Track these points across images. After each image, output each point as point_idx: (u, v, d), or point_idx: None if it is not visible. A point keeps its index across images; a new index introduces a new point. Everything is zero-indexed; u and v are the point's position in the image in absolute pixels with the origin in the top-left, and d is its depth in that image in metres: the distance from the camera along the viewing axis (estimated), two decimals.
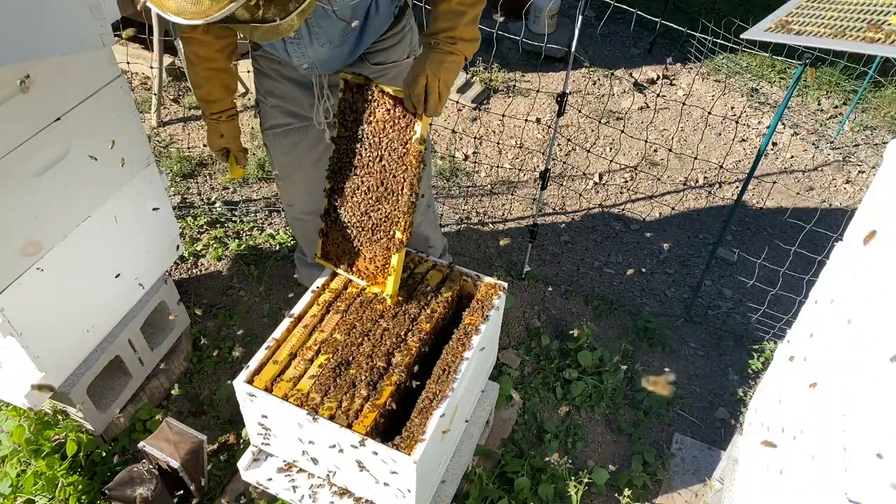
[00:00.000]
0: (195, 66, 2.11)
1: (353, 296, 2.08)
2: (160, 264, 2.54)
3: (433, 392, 1.87)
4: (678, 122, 4.57)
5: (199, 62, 2.09)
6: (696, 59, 5.08)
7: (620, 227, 3.83)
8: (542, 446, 2.73)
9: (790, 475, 1.72)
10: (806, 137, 4.58)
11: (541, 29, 4.79)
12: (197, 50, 2.07)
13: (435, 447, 1.86)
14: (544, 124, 4.43)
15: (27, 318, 2.01)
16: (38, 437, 2.30)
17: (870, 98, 4.92)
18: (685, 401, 2.98)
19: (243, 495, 2.39)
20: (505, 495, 2.47)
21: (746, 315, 3.39)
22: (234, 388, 1.88)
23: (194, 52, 2.08)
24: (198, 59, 2.09)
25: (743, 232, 3.87)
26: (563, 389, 2.92)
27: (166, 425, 2.27)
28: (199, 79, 2.14)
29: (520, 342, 3.12)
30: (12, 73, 1.76)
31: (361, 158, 1.99)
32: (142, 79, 4.42)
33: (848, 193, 4.20)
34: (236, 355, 2.86)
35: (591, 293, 3.40)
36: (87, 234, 2.15)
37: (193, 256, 3.28)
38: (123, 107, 2.16)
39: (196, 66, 2.11)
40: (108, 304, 2.36)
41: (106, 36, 1.80)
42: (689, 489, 2.63)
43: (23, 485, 2.23)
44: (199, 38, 2.03)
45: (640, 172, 4.15)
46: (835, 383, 1.61)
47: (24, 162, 1.86)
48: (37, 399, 2.15)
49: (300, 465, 2.03)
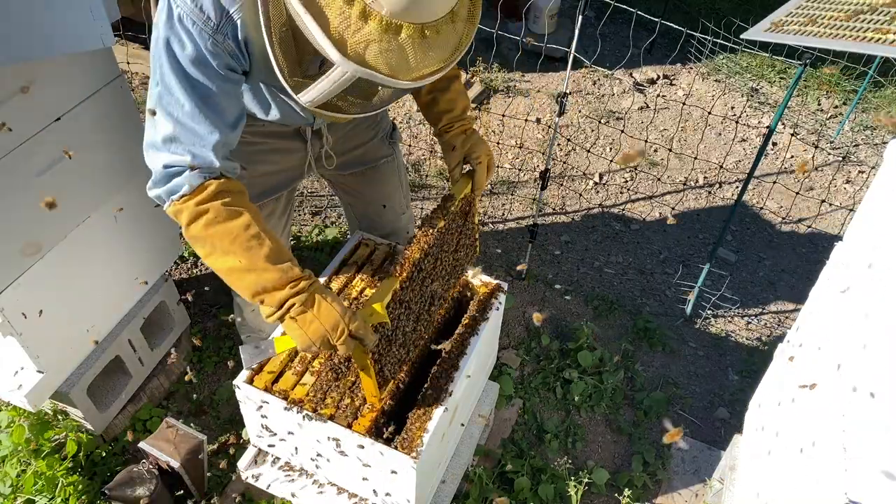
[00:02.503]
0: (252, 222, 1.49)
1: (354, 296, 2.08)
2: (160, 264, 2.54)
3: (433, 392, 1.87)
4: (678, 122, 4.57)
5: (251, 212, 1.52)
6: (696, 59, 5.07)
7: (620, 227, 3.83)
8: (542, 446, 2.73)
9: (790, 475, 1.72)
10: (806, 137, 4.58)
11: (541, 29, 4.79)
12: (241, 198, 1.53)
13: (435, 447, 1.86)
14: (544, 124, 4.43)
15: (27, 318, 2.01)
16: (38, 437, 2.30)
17: (870, 98, 4.92)
18: (685, 401, 2.98)
19: (243, 495, 2.39)
20: (505, 495, 2.47)
21: (746, 315, 3.39)
22: (234, 388, 1.88)
23: (240, 202, 1.51)
24: (246, 206, 1.53)
25: (743, 232, 3.87)
26: (563, 389, 2.92)
27: (166, 425, 2.27)
28: (262, 236, 1.49)
29: (520, 342, 3.12)
30: (14, 76, 1.76)
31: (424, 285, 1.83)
32: (142, 79, 4.42)
33: (848, 193, 4.20)
34: (236, 355, 2.86)
35: (591, 293, 3.40)
36: (87, 234, 2.15)
37: (193, 256, 3.28)
38: (123, 107, 2.16)
39: (252, 222, 1.49)
40: (108, 304, 2.36)
41: (106, 36, 1.80)
42: (689, 489, 2.63)
43: (23, 485, 2.23)
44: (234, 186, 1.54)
45: (640, 172, 4.15)
46: (835, 383, 1.61)
47: (24, 162, 1.86)
48: (37, 399, 2.15)
49: (300, 465, 2.03)
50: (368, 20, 1.15)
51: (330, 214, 3.65)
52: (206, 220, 1.47)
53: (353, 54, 1.18)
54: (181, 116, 1.43)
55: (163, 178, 1.48)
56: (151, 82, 1.46)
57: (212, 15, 1.38)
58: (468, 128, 1.91)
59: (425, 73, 1.25)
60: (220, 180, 1.49)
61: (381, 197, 2.30)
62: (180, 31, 1.38)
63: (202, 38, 1.39)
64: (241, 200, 1.53)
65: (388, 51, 1.18)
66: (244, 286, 1.50)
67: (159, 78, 1.43)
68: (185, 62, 1.41)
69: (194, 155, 1.46)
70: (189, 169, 1.46)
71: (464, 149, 1.88)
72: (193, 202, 1.47)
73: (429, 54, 1.22)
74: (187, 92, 1.42)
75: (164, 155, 1.47)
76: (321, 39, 1.18)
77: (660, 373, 3.09)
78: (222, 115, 1.49)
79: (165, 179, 1.48)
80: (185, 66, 1.41)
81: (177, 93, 1.42)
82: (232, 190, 1.52)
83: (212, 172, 1.49)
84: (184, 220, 1.49)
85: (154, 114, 1.46)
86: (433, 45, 1.21)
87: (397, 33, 1.17)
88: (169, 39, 1.39)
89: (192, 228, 1.49)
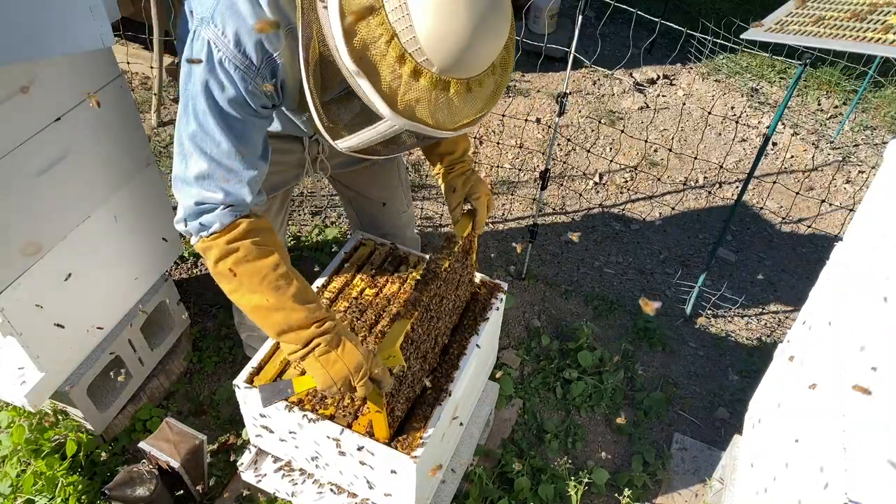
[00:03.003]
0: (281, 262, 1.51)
1: (354, 296, 2.08)
2: (160, 264, 2.54)
3: (433, 392, 1.87)
4: (678, 122, 4.57)
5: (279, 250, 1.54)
6: (696, 59, 5.08)
7: (620, 227, 3.83)
8: (542, 446, 2.73)
9: (790, 475, 1.72)
10: (806, 137, 4.58)
11: (541, 29, 4.79)
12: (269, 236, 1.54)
13: (435, 447, 1.86)
14: (544, 124, 4.43)
15: (27, 318, 2.01)
16: (38, 437, 2.30)
17: (870, 98, 4.92)
18: (685, 401, 2.98)
19: (243, 495, 2.39)
20: (505, 495, 2.47)
21: (746, 315, 3.39)
22: (234, 388, 1.88)
23: (269, 240, 1.53)
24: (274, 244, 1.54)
25: (743, 232, 3.87)
26: (563, 389, 2.92)
27: (166, 425, 2.27)
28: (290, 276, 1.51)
29: (520, 342, 3.12)
30: (14, 76, 1.76)
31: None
32: (142, 79, 4.42)
33: (848, 193, 4.20)
34: (236, 355, 2.86)
35: (591, 293, 3.40)
36: (87, 234, 2.15)
37: (193, 256, 3.28)
38: (123, 107, 2.16)
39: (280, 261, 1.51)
40: (108, 304, 2.36)
41: (106, 36, 1.80)
42: (689, 489, 2.63)
43: (22, 485, 2.23)
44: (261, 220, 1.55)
45: (640, 172, 4.15)
46: (835, 383, 1.61)
47: (25, 162, 1.86)
48: (37, 399, 2.15)
49: (300, 465, 2.03)
50: (419, 78, 1.20)
51: (330, 214, 3.65)
52: (236, 258, 1.48)
53: (402, 109, 1.23)
54: (217, 155, 1.45)
55: (193, 214, 1.50)
56: (182, 118, 1.46)
57: (254, 59, 1.40)
58: (468, 168, 1.96)
59: (466, 123, 1.31)
60: (249, 219, 1.51)
61: (382, 194, 2.31)
62: (220, 75, 1.40)
63: (243, 81, 1.41)
64: (270, 239, 1.54)
65: (435, 105, 1.23)
66: (270, 324, 1.51)
67: (193, 116, 1.44)
68: (224, 103, 1.42)
69: (227, 192, 1.48)
70: (221, 206, 1.48)
71: (464, 189, 1.92)
72: (224, 240, 1.48)
73: (472, 105, 1.28)
74: (224, 132, 1.44)
75: (196, 191, 1.48)
76: (372, 96, 1.22)
77: (660, 373, 3.09)
78: (256, 150, 1.52)
79: (196, 215, 1.50)
80: (224, 107, 1.43)
81: (214, 132, 1.44)
82: (261, 228, 1.53)
83: (242, 210, 1.50)
84: (213, 256, 1.50)
85: (184, 150, 1.47)
86: (476, 96, 1.27)
87: (446, 89, 1.22)
88: (208, 82, 1.40)
89: (220, 265, 1.50)
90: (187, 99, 1.44)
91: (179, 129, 1.47)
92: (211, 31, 1.37)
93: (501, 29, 1.26)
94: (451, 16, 1.16)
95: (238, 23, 1.37)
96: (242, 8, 1.37)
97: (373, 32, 1.18)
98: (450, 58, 1.19)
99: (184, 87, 1.45)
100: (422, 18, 1.16)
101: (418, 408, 1.84)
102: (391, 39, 1.18)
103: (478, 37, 1.20)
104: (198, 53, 1.40)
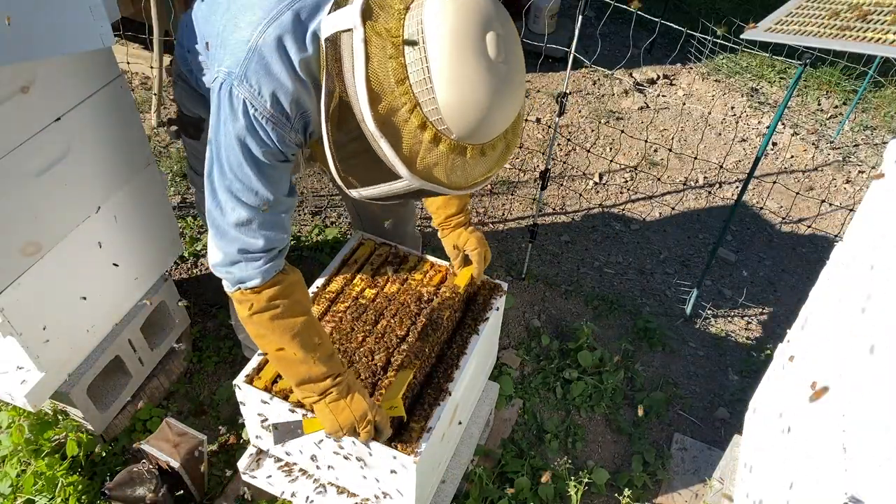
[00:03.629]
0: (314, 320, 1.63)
1: (354, 296, 2.08)
2: (160, 264, 2.54)
3: (433, 392, 1.87)
4: (678, 122, 4.57)
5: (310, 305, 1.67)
6: (696, 59, 5.08)
7: (620, 227, 3.83)
8: (542, 446, 2.73)
9: (790, 475, 1.72)
10: (806, 137, 4.58)
11: (541, 29, 4.79)
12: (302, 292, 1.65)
13: (435, 447, 1.86)
14: (544, 124, 4.43)
15: (27, 318, 2.01)
16: (38, 437, 2.30)
17: (870, 98, 4.92)
18: (685, 401, 2.98)
19: (243, 495, 2.39)
20: (505, 495, 2.47)
21: (746, 315, 3.39)
22: (234, 388, 1.88)
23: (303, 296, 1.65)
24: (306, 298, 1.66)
25: (743, 232, 3.87)
26: (563, 389, 2.92)
27: (166, 425, 2.27)
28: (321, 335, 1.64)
29: (520, 342, 3.12)
30: (14, 76, 1.76)
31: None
32: (142, 79, 4.42)
33: (848, 193, 4.20)
34: (236, 355, 2.86)
35: (591, 293, 3.40)
36: (87, 234, 2.15)
37: (193, 256, 3.28)
38: (123, 107, 2.15)
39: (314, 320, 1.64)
40: (108, 304, 2.36)
41: (106, 36, 1.79)
42: (689, 489, 2.63)
43: (23, 485, 2.23)
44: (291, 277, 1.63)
45: (640, 172, 4.15)
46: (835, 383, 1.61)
47: (24, 162, 1.86)
48: (37, 399, 2.15)
49: (300, 465, 2.03)
50: (439, 144, 1.27)
51: (330, 214, 3.65)
52: (273, 314, 1.57)
53: (420, 171, 1.31)
54: (255, 202, 1.51)
55: (235, 261, 1.56)
56: (214, 167, 1.51)
57: (290, 114, 1.46)
58: (464, 222, 2.06)
59: (479, 182, 1.39)
60: (288, 275, 1.60)
61: None
62: (257, 129, 1.45)
63: (276, 133, 1.47)
64: (303, 294, 1.65)
65: (452, 168, 1.31)
66: (292, 373, 1.64)
67: (227, 168, 1.49)
68: (259, 154, 1.48)
69: (267, 237, 1.54)
70: (262, 256, 1.55)
71: (460, 242, 2.05)
72: (265, 296, 1.56)
73: (485, 165, 1.35)
74: (261, 180, 1.50)
75: (236, 237, 1.54)
76: (392, 158, 1.29)
77: (660, 373, 3.09)
78: (286, 189, 1.58)
79: (237, 263, 1.56)
80: (259, 158, 1.48)
81: (250, 182, 1.49)
82: (296, 282, 1.63)
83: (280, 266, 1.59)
84: (250, 308, 1.58)
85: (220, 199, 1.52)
86: (489, 158, 1.35)
87: (462, 154, 1.30)
88: (243, 137, 1.46)
89: (255, 318, 1.58)
90: (219, 149, 1.49)
91: (212, 177, 1.52)
92: (246, 91, 1.42)
93: (517, 100, 1.33)
94: (473, 90, 1.24)
95: (274, 84, 1.43)
96: (276, 68, 1.42)
97: (397, 101, 1.25)
98: (468, 127, 1.27)
99: (214, 135, 1.50)
100: (444, 91, 1.23)
101: (418, 408, 1.84)
102: (414, 108, 1.25)
103: (495, 108, 1.28)
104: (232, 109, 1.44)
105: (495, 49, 1.25)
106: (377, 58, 1.25)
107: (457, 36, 1.23)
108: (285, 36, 1.42)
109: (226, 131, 1.47)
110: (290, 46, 1.42)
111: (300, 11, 1.44)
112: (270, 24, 1.42)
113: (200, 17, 1.69)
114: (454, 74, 1.23)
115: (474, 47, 1.23)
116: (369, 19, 1.26)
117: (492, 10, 1.28)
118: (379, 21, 1.26)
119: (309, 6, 1.45)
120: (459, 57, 1.23)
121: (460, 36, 1.23)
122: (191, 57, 1.77)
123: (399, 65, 1.24)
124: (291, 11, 1.43)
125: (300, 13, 1.44)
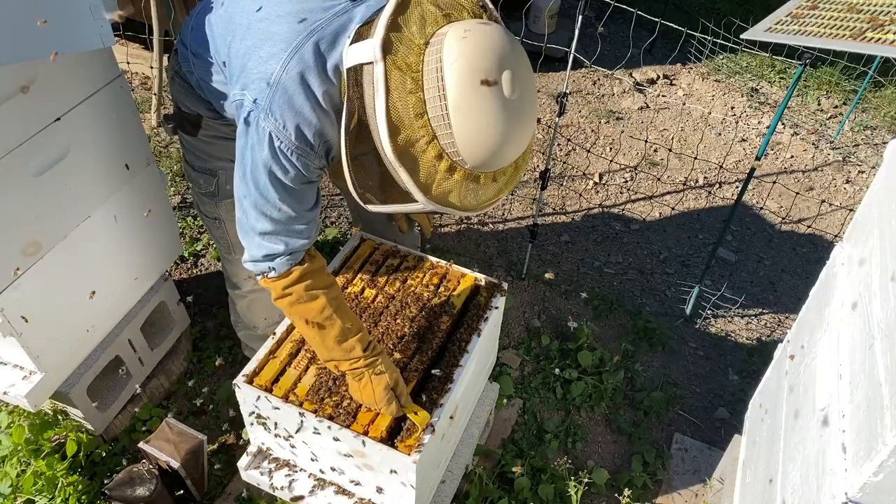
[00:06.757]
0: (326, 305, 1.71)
1: (354, 296, 2.08)
2: (160, 264, 2.54)
3: (433, 392, 1.87)
4: (678, 122, 4.57)
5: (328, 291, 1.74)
6: (696, 59, 5.08)
7: (620, 227, 3.83)
8: (542, 446, 2.73)
9: (790, 475, 1.72)
10: (806, 137, 4.58)
11: (541, 29, 4.79)
12: (320, 278, 1.74)
13: (435, 447, 1.86)
14: (544, 124, 4.43)
15: (27, 319, 2.01)
16: (38, 437, 2.30)
17: (870, 98, 4.92)
18: (685, 401, 2.98)
19: (243, 495, 2.39)
20: (505, 495, 2.47)
21: (746, 315, 3.39)
22: (234, 387, 1.88)
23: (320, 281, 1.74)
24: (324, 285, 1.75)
25: (743, 232, 3.87)
26: (563, 389, 2.92)
27: (166, 425, 2.27)
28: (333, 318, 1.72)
29: (520, 342, 3.12)
30: (14, 76, 1.76)
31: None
32: (142, 79, 4.42)
33: (848, 193, 4.20)
34: (236, 355, 2.86)
35: (591, 293, 3.40)
36: (87, 234, 2.15)
37: (193, 256, 3.28)
38: (123, 107, 2.16)
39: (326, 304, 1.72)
40: (108, 304, 2.36)
41: (106, 36, 1.80)
42: (689, 489, 2.63)
43: (23, 485, 2.23)
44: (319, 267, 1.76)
45: (640, 172, 4.15)
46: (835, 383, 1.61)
47: (24, 162, 1.86)
48: (37, 399, 2.15)
49: (300, 464, 2.03)
50: (454, 173, 1.35)
51: (330, 214, 3.65)
52: (289, 301, 1.71)
53: (435, 196, 1.38)
54: (279, 217, 1.62)
55: (259, 259, 1.69)
56: (241, 184, 1.61)
57: (314, 145, 1.55)
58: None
59: (490, 203, 1.47)
60: (303, 266, 1.69)
61: None
62: (282, 160, 1.54)
63: (301, 162, 1.56)
64: (321, 280, 1.73)
65: (465, 193, 1.39)
66: (317, 351, 1.80)
67: (254, 187, 1.58)
68: (284, 179, 1.57)
69: (288, 245, 1.66)
70: (282, 255, 1.66)
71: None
72: (280, 285, 1.69)
73: (495, 189, 1.44)
74: (285, 200, 1.60)
75: (261, 243, 1.66)
76: (409, 185, 1.36)
77: (660, 373, 3.09)
78: (311, 203, 1.68)
79: (261, 261, 1.69)
80: (286, 183, 1.57)
81: (275, 201, 1.59)
82: (314, 270, 1.72)
83: (297, 259, 1.69)
84: (272, 295, 1.74)
85: (246, 210, 1.64)
86: (500, 182, 1.44)
87: (476, 181, 1.38)
88: (269, 165, 1.54)
89: (277, 302, 1.74)
90: (245, 169, 1.58)
91: (239, 192, 1.63)
92: (271, 124, 1.50)
93: (529, 131, 1.41)
94: (488, 125, 1.31)
95: (298, 118, 1.50)
96: (298, 101, 1.49)
97: (416, 133, 1.32)
98: (482, 158, 1.35)
99: (241, 154, 1.59)
100: (461, 125, 1.30)
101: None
102: (431, 140, 1.32)
103: (509, 142, 1.36)
104: (259, 138, 1.53)
105: (510, 87, 1.32)
106: (397, 91, 1.31)
107: (473, 74, 1.29)
108: (307, 71, 1.49)
109: (252, 157, 1.55)
110: (313, 81, 1.49)
111: (320, 42, 1.50)
112: (292, 58, 1.48)
113: (217, 33, 1.69)
114: (470, 110, 1.29)
115: (490, 85, 1.29)
116: (390, 53, 1.32)
117: (507, 47, 1.35)
118: (399, 55, 1.32)
119: (328, 36, 1.51)
120: (476, 94, 1.29)
121: (477, 73, 1.29)
122: (197, 62, 1.78)
123: (418, 100, 1.30)
124: (312, 43, 1.49)
125: (320, 44, 1.50)
